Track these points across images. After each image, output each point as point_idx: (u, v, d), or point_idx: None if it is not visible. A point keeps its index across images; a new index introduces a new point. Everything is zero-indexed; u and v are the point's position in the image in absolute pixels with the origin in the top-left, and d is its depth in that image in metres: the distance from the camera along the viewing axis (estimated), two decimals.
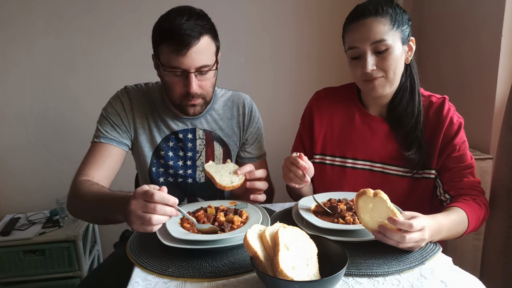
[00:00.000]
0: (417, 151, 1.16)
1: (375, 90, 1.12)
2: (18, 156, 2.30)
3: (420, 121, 1.16)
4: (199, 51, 1.11)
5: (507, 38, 1.61)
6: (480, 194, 1.12)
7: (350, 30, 1.11)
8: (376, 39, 1.06)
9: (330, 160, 1.28)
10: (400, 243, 0.85)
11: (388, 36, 1.07)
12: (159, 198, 0.83)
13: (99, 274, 1.18)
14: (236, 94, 1.39)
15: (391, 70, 1.10)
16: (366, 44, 1.08)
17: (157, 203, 0.83)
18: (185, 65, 1.11)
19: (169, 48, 1.10)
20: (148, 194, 0.83)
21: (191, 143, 1.31)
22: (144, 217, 0.83)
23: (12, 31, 2.17)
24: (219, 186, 1.07)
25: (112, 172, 1.22)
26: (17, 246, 2.01)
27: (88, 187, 1.08)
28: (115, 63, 2.28)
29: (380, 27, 1.06)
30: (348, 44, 1.12)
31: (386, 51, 1.08)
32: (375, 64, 1.09)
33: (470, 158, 1.15)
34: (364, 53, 1.09)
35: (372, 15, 1.07)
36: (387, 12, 1.07)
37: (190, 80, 1.13)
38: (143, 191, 0.84)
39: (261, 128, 1.42)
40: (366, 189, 0.88)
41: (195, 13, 1.13)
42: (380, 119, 1.22)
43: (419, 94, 1.17)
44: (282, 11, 2.36)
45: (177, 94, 1.17)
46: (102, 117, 1.25)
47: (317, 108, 1.31)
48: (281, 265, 0.72)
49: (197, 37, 1.09)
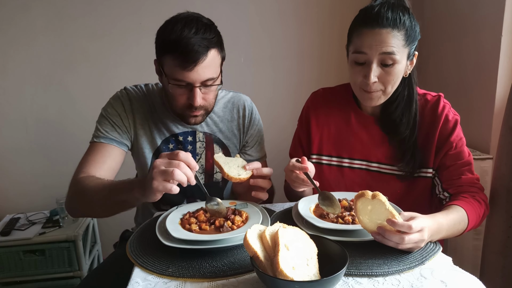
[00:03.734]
0: (408, 161, 1.15)
1: (370, 101, 1.13)
2: (18, 156, 2.30)
3: (415, 131, 1.15)
4: (206, 65, 1.09)
5: (507, 38, 1.61)
6: (479, 191, 1.12)
7: (361, 34, 1.06)
8: (387, 51, 1.04)
9: (326, 160, 1.28)
10: (399, 244, 0.85)
11: (398, 52, 1.05)
12: (183, 157, 0.90)
13: (99, 274, 1.18)
14: (237, 96, 1.38)
15: (390, 85, 1.09)
16: (375, 54, 1.05)
17: (181, 161, 0.89)
18: (191, 79, 1.09)
19: (174, 61, 1.08)
20: (174, 153, 0.91)
21: (191, 146, 1.31)
22: (167, 171, 0.88)
23: (12, 31, 2.16)
24: (226, 176, 1.06)
25: (113, 172, 1.21)
26: (17, 246, 2.01)
27: (94, 180, 1.08)
28: (115, 63, 2.28)
29: (394, 41, 1.03)
30: (356, 47, 1.08)
31: (392, 65, 1.06)
32: (377, 76, 1.07)
33: (467, 155, 1.15)
34: (370, 62, 1.06)
35: (390, 27, 1.03)
36: (404, 25, 1.04)
37: (194, 93, 1.12)
38: (169, 152, 0.92)
39: (261, 130, 1.42)
40: (364, 191, 0.88)
41: (203, 25, 1.10)
42: (373, 119, 1.22)
43: (416, 104, 1.17)
44: (282, 11, 2.36)
45: (179, 105, 1.17)
46: (102, 117, 1.25)
47: (313, 108, 1.31)
48: (281, 265, 0.72)
49: (204, 52, 1.08)
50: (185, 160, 0.90)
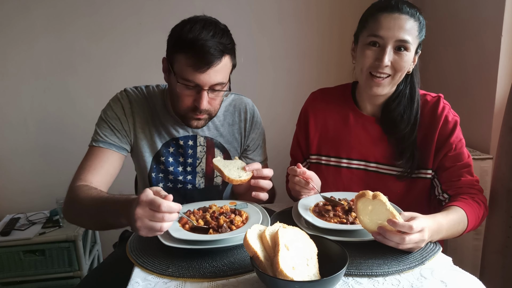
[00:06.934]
0: (407, 160, 1.15)
1: (377, 88, 1.12)
2: (18, 156, 2.30)
3: (415, 130, 1.15)
4: (218, 70, 1.09)
5: (507, 38, 1.61)
6: (478, 193, 1.12)
7: (379, 18, 1.09)
8: (403, 38, 1.07)
9: (325, 160, 1.29)
10: (400, 245, 0.85)
11: (412, 40, 1.08)
12: (166, 209, 0.81)
13: (99, 274, 1.18)
14: (238, 99, 1.36)
15: (400, 72, 1.10)
16: (392, 39, 1.07)
17: (165, 212, 0.82)
18: (201, 81, 1.08)
19: (187, 60, 1.07)
20: (155, 205, 0.81)
21: (191, 150, 1.30)
22: (154, 226, 0.82)
23: (12, 31, 2.16)
24: (227, 179, 1.06)
25: (111, 177, 1.20)
26: (17, 246, 2.01)
27: (86, 192, 1.05)
28: (115, 63, 2.28)
29: (411, 28, 1.08)
30: (372, 31, 1.10)
31: (406, 50, 1.08)
32: (390, 60, 1.09)
33: (467, 157, 1.14)
34: (385, 46, 1.08)
35: (408, 14, 1.07)
36: (419, 19, 1.09)
37: (201, 96, 1.11)
38: (149, 200, 0.82)
39: (263, 133, 1.40)
40: (365, 191, 0.88)
41: (220, 30, 1.10)
42: (374, 119, 1.22)
43: (418, 102, 1.17)
44: (282, 11, 2.36)
45: (184, 106, 1.15)
46: (101, 120, 1.23)
47: (312, 109, 1.31)
48: (281, 265, 0.72)
49: (219, 57, 1.07)
50: (168, 211, 0.82)
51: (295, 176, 1.09)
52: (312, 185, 1.10)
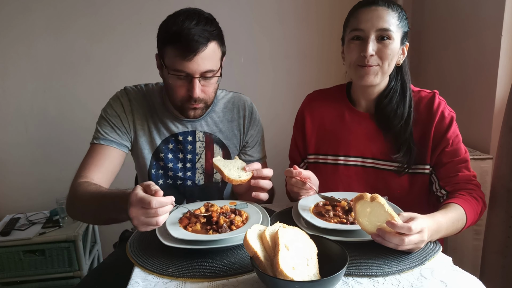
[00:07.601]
0: (405, 154, 1.16)
1: (367, 77, 1.13)
2: (18, 156, 2.30)
3: (410, 123, 1.16)
4: (205, 57, 1.10)
5: (507, 38, 1.61)
6: (476, 188, 1.12)
7: (358, 13, 1.13)
8: (383, 27, 1.10)
9: (323, 159, 1.29)
10: (399, 246, 0.85)
11: (393, 28, 1.11)
12: (157, 205, 0.83)
13: (99, 274, 1.18)
14: (237, 96, 1.38)
15: (387, 61, 1.12)
16: (372, 29, 1.10)
17: (157, 208, 0.83)
18: (190, 69, 1.10)
19: (175, 51, 1.09)
20: (146, 203, 0.83)
21: (191, 146, 1.31)
22: (150, 222, 0.85)
23: (13, 31, 2.17)
24: (227, 179, 1.06)
25: (112, 174, 1.21)
26: (17, 246, 2.01)
27: (86, 188, 1.07)
28: (115, 63, 2.28)
29: (389, 17, 1.11)
30: (353, 26, 1.14)
31: (388, 39, 1.11)
32: (375, 50, 1.11)
33: (464, 152, 1.15)
34: (367, 37, 1.11)
35: (385, 6, 1.12)
36: (397, 9, 1.13)
37: (193, 84, 1.12)
38: (138, 199, 0.84)
39: (262, 130, 1.42)
40: (363, 194, 0.88)
41: (204, 18, 1.12)
42: (368, 115, 1.23)
43: (410, 97, 1.17)
44: (282, 11, 2.36)
45: (179, 97, 1.17)
46: (102, 118, 1.25)
47: (308, 110, 1.32)
48: (281, 265, 0.72)
49: (204, 43, 1.09)
50: (160, 206, 0.84)
51: (291, 178, 1.10)
52: (309, 184, 1.10)
